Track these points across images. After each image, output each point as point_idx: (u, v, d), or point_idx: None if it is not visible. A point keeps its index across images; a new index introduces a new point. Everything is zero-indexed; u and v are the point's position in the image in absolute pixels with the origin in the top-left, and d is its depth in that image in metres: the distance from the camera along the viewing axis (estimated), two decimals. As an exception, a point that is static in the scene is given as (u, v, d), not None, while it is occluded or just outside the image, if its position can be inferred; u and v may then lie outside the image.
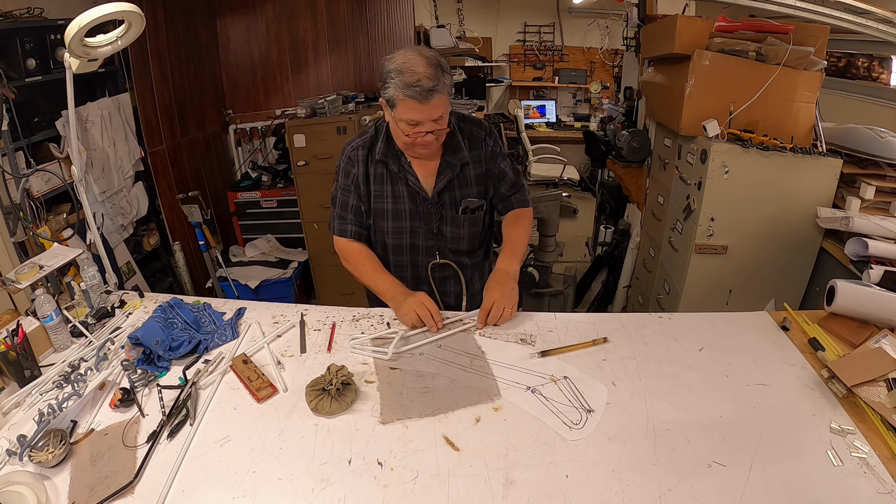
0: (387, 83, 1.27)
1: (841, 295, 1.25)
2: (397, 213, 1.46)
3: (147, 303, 1.53)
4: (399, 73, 1.23)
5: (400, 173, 1.43)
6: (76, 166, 1.50)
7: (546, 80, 5.89)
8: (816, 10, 1.63)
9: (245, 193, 3.46)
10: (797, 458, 0.94)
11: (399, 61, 1.25)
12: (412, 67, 1.22)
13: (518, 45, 5.87)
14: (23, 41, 2.09)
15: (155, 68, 2.90)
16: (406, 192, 1.45)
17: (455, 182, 1.46)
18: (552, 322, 1.36)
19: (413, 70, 1.22)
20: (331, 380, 1.08)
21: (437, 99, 1.24)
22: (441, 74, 1.24)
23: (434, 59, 1.25)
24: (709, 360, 1.20)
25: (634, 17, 2.94)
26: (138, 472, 0.95)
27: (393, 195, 1.45)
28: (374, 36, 3.49)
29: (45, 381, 1.19)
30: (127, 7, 1.22)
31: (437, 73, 1.23)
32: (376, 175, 1.45)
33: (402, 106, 1.26)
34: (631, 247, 3.04)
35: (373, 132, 1.46)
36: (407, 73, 1.22)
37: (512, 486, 0.90)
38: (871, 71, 2.65)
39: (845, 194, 1.89)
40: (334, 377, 1.08)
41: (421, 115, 1.26)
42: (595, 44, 5.77)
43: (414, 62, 1.23)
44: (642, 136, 2.78)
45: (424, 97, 1.22)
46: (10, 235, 2.03)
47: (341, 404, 1.08)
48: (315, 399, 1.09)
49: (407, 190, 1.44)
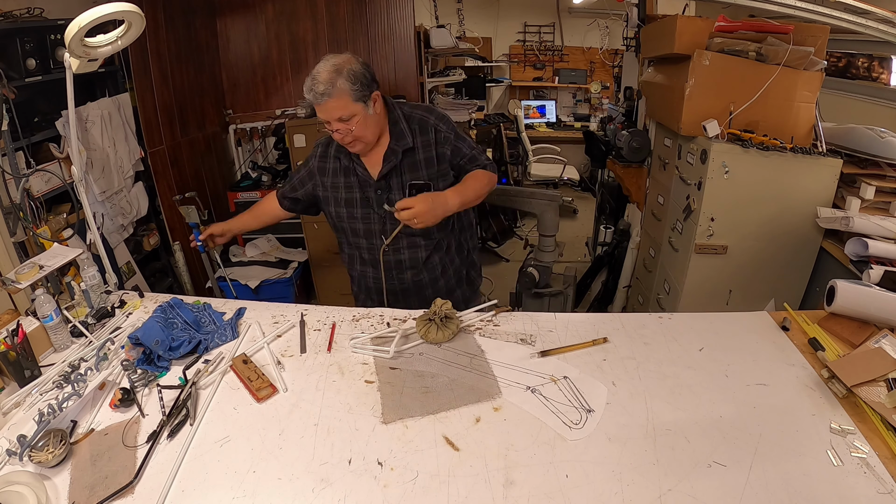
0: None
1: (841, 295, 1.25)
2: (349, 201, 1.59)
3: (147, 303, 1.53)
4: (309, 77, 1.39)
5: (350, 165, 1.56)
6: (76, 166, 1.50)
7: (546, 80, 5.89)
8: (816, 10, 1.63)
9: (245, 193, 3.46)
10: (797, 458, 0.94)
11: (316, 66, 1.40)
12: (315, 74, 1.37)
13: (518, 45, 5.87)
14: (23, 41, 2.09)
15: (155, 68, 2.90)
16: (356, 182, 1.57)
17: (403, 167, 1.54)
18: (552, 322, 1.36)
19: (314, 76, 1.37)
20: (435, 311, 1.29)
21: (329, 102, 1.37)
22: (337, 79, 1.35)
23: (339, 66, 1.37)
24: (709, 360, 1.20)
25: (634, 17, 2.94)
26: (138, 472, 0.95)
27: (346, 186, 1.59)
28: (374, 36, 3.49)
29: (45, 381, 1.19)
30: (127, 7, 1.22)
31: (332, 77, 1.35)
32: (332, 169, 1.60)
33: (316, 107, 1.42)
34: (631, 247, 3.04)
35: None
36: (310, 78, 1.38)
37: (512, 486, 0.90)
38: (871, 71, 2.65)
39: (845, 194, 1.89)
40: (438, 309, 1.29)
41: (323, 114, 1.41)
42: (595, 44, 5.77)
43: (319, 69, 1.38)
44: (642, 136, 2.78)
45: (317, 100, 1.37)
46: (10, 235, 2.03)
47: (445, 333, 1.28)
48: (423, 328, 1.29)
49: (357, 180, 1.57)
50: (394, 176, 1.54)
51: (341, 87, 1.37)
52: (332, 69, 1.37)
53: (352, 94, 1.38)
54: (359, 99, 1.40)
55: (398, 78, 3.56)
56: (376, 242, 1.61)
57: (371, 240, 1.62)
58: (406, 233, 1.57)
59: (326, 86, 1.36)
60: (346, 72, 1.37)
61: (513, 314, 1.40)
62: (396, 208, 1.41)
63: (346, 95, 1.38)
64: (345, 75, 1.37)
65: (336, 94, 1.37)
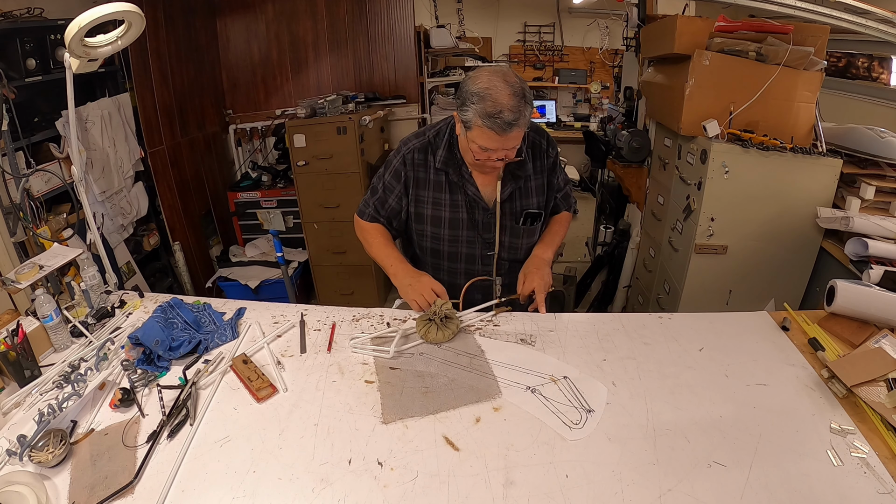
0: (466, 106, 1.22)
1: (841, 295, 1.25)
2: (454, 221, 1.43)
3: (147, 303, 1.53)
4: (481, 98, 1.18)
5: (459, 182, 1.39)
6: (76, 166, 1.50)
7: (546, 80, 5.89)
8: (816, 10, 1.63)
9: (245, 193, 3.46)
10: (797, 458, 0.94)
11: (482, 85, 1.19)
12: (495, 97, 1.17)
13: (518, 45, 5.87)
14: (23, 41, 2.09)
15: (155, 68, 2.90)
16: (464, 201, 1.41)
17: (517, 193, 1.43)
18: (552, 322, 1.36)
19: (496, 100, 1.17)
20: (435, 311, 1.28)
21: (515, 132, 1.20)
22: (524, 107, 1.19)
23: (519, 89, 1.19)
24: (709, 360, 1.20)
25: (634, 17, 2.93)
26: (138, 472, 0.95)
27: (451, 204, 1.41)
28: (374, 36, 3.49)
29: (45, 381, 1.19)
30: (127, 7, 1.22)
31: (519, 104, 1.18)
32: (434, 182, 1.41)
33: (479, 132, 1.22)
34: (631, 247, 3.04)
35: (432, 135, 1.42)
36: (489, 101, 1.17)
37: (512, 486, 0.90)
38: (871, 71, 2.65)
39: (845, 194, 1.89)
40: (438, 309, 1.28)
41: (496, 144, 1.22)
42: (595, 44, 5.77)
43: (498, 90, 1.17)
44: (642, 136, 2.78)
45: (503, 130, 1.18)
46: (10, 235, 2.03)
47: (445, 333, 1.27)
48: (423, 328, 1.28)
49: (465, 199, 1.41)
50: (508, 202, 1.42)
51: (526, 115, 1.20)
52: (515, 93, 1.18)
53: (529, 122, 1.23)
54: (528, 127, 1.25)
55: (398, 78, 3.57)
56: (477, 268, 1.49)
57: (472, 265, 1.49)
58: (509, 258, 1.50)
59: (516, 115, 1.17)
60: (528, 96, 1.20)
61: (513, 314, 1.40)
62: (521, 294, 1.39)
63: (526, 125, 1.23)
64: (528, 100, 1.20)
65: (523, 124, 1.20)
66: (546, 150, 1.45)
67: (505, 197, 1.41)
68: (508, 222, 1.45)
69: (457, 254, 1.48)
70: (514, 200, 1.43)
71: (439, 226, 1.45)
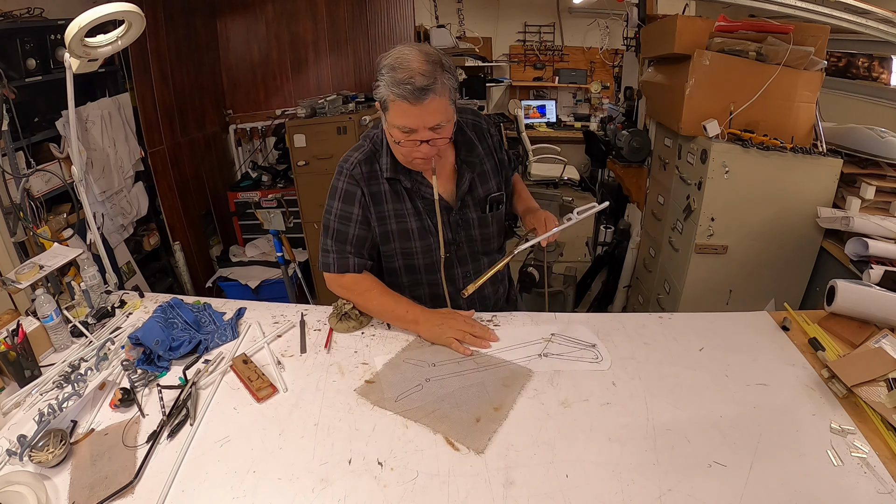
0: (378, 81, 1.12)
1: (841, 295, 1.25)
2: (422, 231, 1.33)
3: (147, 303, 1.53)
4: (391, 69, 1.09)
5: (414, 187, 1.28)
6: (76, 166, 1.50)
7: (546, 80, 5.89)
8: (816, 10, 1.63)
9: (245, 193, 3.47)
10: (797, 458, 0.94)
11: (393, 55, 1.11)
12: (406, 64, 1.07)
13: (518, 45, 5.87)
14: (23, 41, 2.09)
15: (155, 68, 2.90)
16: (422, 206, 1.30)
17: (476, 181, 1.34)
18: (552, 322, 1.36)
19: (406, 66, 1.07)
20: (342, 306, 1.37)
21: (431, 101, 1.08)
22: (439, 72, 1.09)
23: (434, 56, 1.10)
24: (709, 359, 1.20)
25: (634, 17, 2.94)
26: (138, 472, 0.94)
27: (414, 212, 1.31)
28: (374, 36, 3.50)
29: (45, 381, 1.19)
30: (127, 7, 1.22)
31: (434, 70, 1.08)
32: (390, 192, 1.30)
33: (394, 109, 1.12)
34: (631, 247, 3.04)
35: (369, 144, 1.31)
36: (399, 69, 1.08)
37: (512, 486, 0.90)
38: (872, 71, 2.65)
39: (845, 194, 1.89)
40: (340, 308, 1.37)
41: (414, 120, 1.11)
42: (595, 44, 5.77)
43: (408, 57, 1.08)
44: (642, 136, 2.78)
45: (416, 97, 1.07)
46: (11, 235, 2.03)
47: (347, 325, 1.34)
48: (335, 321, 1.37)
49: (423, 204, 1.30)
50: (469, 194, 1.34)
51: (445, 82, 1.09)
52: (429, 59, 1.09)
53: (450, 94, 1.12)
54: (452, 102, 1.14)
55: (398, 78, 3.56)
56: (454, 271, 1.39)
57: (450, 269, 1.38)
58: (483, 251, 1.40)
59: (429, 79, 1.06)
60: (446, 64, 1.10)
61: (513, 314, 1.40)
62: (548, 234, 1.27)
63: (447, 94, 1.11)
64: (447, 68, 1.10)
65: (440, 92, 1.08)
66: (487, 129, 1.38)
67: (466, 188, 1.32)
68: (474, 214, 1.35)
69: (433, 263, 1.37)
70: (474, 190, 1.34)
71: (409, 239, 1.33)
